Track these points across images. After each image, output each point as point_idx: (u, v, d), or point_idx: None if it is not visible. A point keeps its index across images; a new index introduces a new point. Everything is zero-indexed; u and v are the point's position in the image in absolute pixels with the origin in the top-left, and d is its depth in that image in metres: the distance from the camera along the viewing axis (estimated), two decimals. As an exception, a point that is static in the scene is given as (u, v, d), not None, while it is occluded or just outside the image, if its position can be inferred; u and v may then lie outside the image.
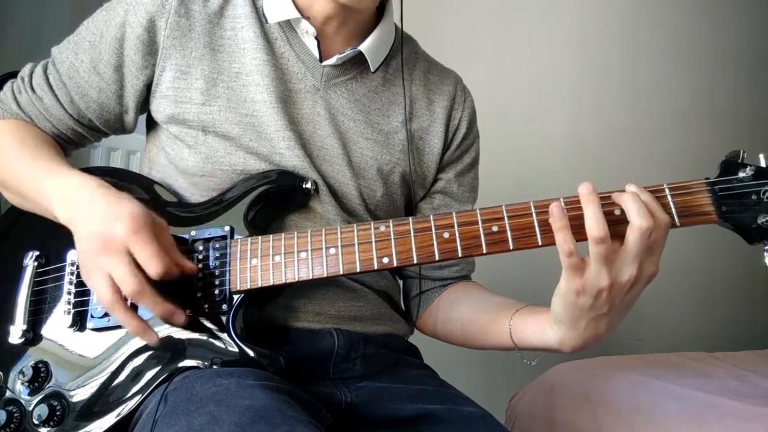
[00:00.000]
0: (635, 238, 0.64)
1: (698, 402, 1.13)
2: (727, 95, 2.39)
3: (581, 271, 0.66)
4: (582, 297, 0.67)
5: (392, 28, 0.94)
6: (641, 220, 0.64)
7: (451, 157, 0.98)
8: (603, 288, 0.65)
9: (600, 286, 0.65)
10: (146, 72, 0.84)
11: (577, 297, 0.67)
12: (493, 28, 2.25)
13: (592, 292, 0.66)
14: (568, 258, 0.66)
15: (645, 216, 0.64)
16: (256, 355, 0.73)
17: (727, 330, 2.26)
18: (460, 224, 0.72)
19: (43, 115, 0.87)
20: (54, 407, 0.75)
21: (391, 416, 0.82)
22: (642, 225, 0.64)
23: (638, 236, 0.64)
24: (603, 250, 0.64)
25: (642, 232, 0.64)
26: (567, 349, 0.73)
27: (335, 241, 0.75)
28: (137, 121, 0.91)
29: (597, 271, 0.65)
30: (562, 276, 0.68)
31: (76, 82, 0.86)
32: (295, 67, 0.87)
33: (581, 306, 0.68)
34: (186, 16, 0.84)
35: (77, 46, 0.86)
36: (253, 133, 0.83)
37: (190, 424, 0.62)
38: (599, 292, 0.66)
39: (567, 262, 0.66)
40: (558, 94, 2.26)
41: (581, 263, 0.66)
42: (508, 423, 1.37)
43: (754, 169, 0.69)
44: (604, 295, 0.66)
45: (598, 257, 0.64)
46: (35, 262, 0.83)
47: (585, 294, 0.66)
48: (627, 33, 2.32)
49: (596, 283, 0.65)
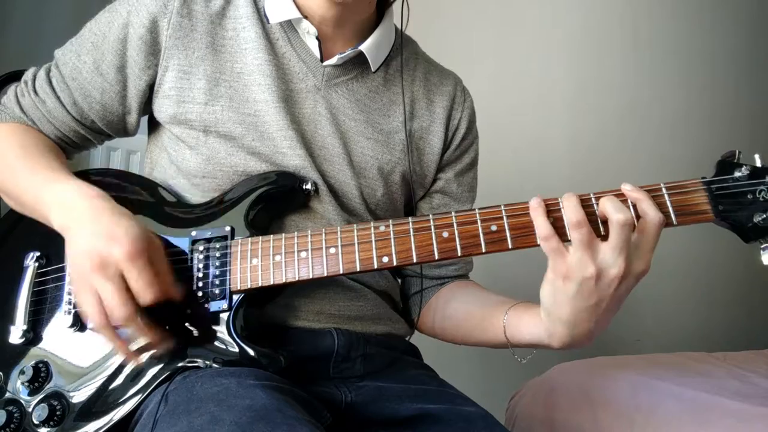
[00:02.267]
0: (615, 231, 0.66)
1: (698, 402, 1.13)
2: (727, 95, 2.39)
3: (563, 255, 0.68)
4: (568, 283, 0.68)
5: (392, 30, 0.95)
6: (617, 214, 0.66)
7: (450, 156, 0.98)
8: (588, 277, 0.67)
9: (585, 274, 0.67)
10: (149, 72, 0.84)
11: (564, 283, 0.69)
12: (493, 28, 2.25)
13: (577, 279, 0.67)
14: (546, 242, 0.69)
15: (621, 210, 0.67)
16: (257, 354, 0.74)
17: (727, 330, 2.26)
18: (459, 224, 0.73)
19: (45, 118, 0.87)
20: (54, 407, 0.75)
21: (391, 416, 0.82)
22: (619, 218, 0.66)
23: (618, 229, 0.66)
24: (582, 235, 0.67)
25: (620, 224, 0.66)
26: (556, 343, 0.74)
27: (335, 241, 0.75)
28: (139, 122, 0.91)
29: (580, 257, 0.67)
30: (549, 263, 0.70)
31: (79, 84, 0.86)
32: (297, 66, 0.87)
33: (568, 293, 0.69)
34: (188, 16, 0.84)
35: (80, 47, 0.86)
36: (256, 133, 0.83)
37: (190, 423, 0.62)
38: (584, 280, 0.67)
39: (546, 246, 0.69)
40: (557, 93, 2.26)
41: (560, 246, 0.68)
42: (508, 423, 1.37)
43: (749, 168, 0.70)
44: (590, 284, 0.67)
45: (579, 243, 0.67)
46: (36, 263, 0.83)
47: (570, 280, 0.68)
48: (627, 33, 2.32)
49: (581, 270, 0.67)
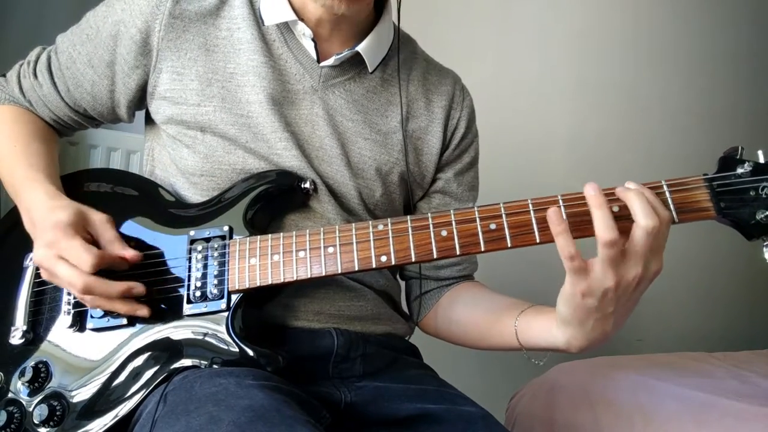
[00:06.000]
0: (641, 238, 0.64)
1: (698, 402, 1.13)
2: (727, 95, 2.38)
3: (585, 273, 0.65)
4: (588, 299, 0.66)
5: (391, 29, 0.94)
6: (648, 220, 0.63)
7: (449, 156, 0.98)
8: (609, 288, 0.64)
9: (606, 286, 0.64)
10: (137, 72, 0.85)
11: (583, 299, 0.66)
12: (493, 27, 2.25)
13: (597, 294, 0.65)
14: (571, 262, 0.64)
15: (651, 215, 0.63)
16: (256, 354, 0.73)
17: (727, 330, 2.25)
18: (457, 222, 0.72)
19: (41, 102, 0.91)
20: (54, 407, 0.75)
21: (390, 416, 0.82)
22: (649, 225, 0.63)
23: (644, 236, 0.63)
24: (613, 254, 0.63)
25: (649, 231, 0.63)
26: (574, 349, 0.73)
27: (333, 240, 0.75)
28: (132, 114, 0.93)
29: (604, 272, 0.64)
30: (567, 279, 0.67)
31: (72, 73, 0.88)
32: (293, 68, 0.87)
33: (588, 307, 0.67)
34: (180, 17, 0.84)
35: (77, 37, 0.88)
36: (250, 134, 0.83)
37: (189, 423, 0.62)
38: (605, 292, 0.65)
39: (570, 266, 0.65)
40: (558, 93, 2.26)
41: (584, 265, 0.65)
42: (508, 423, 1.36)
43: (752, 165, 0.68)
44: (610, 294, 0.65)
45: (608, 260, 0.63)
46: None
47: (591, 296, 0.65)
48: (627, 33, 2.32)
49: (602, 284, 0.64)
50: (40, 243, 0.75)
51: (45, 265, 0.75)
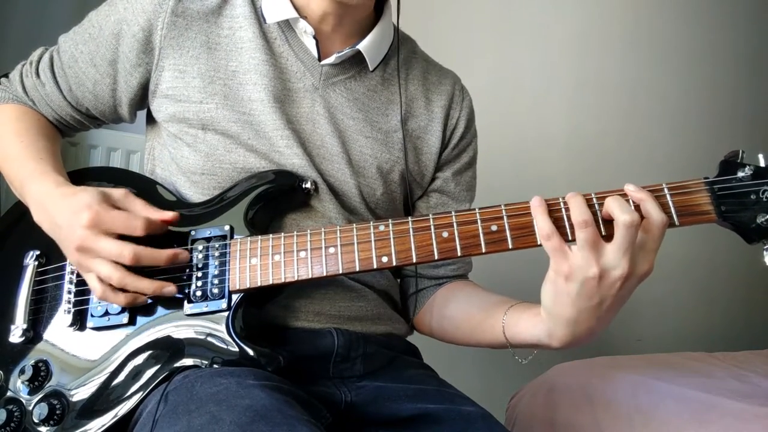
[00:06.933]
0: (621, 232, 0.65)
1: (698, 402, 1.13)
2: (727, 95, 2.38)
3: (565, 255, 0.67)
4: (570, 283, 0.67)
5: (391, 28, 0.95)
6: (624, 215, 0.65)
7: (448, 156, 0.98)
8: (591, 277, 0.66)
9: (588, 274, 0.66)
10: (140, 70, 0.85)
11: (566, 283, 0.67)
12: (493, 27, 2.25)
13: (579, 279, 0.66)
14: (548, 241, 0.67)
15: (628, 211, 0.65)
16: (256, 354, 0.73)
17: (727, 330, 2.26)
18: (459, 223, 0.72)
19: (44, 101, 0.91)
20: (54, 406, 0.75)
21: (390, 416, 0.82)
22: (626, 219, 0.65)
23: (624, 230, 0.65)
24: (588, 235, 0.65)
25: (626, 225, 0.65)
26: (556, 342, 0.73)
27: (334, 241, 0.75)
28: (134, 114, 0.93)
29: (584, 257, 0.66)
30: (550, 262, 0.69)
31: (74, 72, 0.88)
32: (294, 66, 0.87)
33: (569, 293, 0.67)
34: (182, 15, 0.84)
35: (79, 36, 0.88)
36: (252, 132, 0.83)
37: (190, 423, 0.62)
38: (587, 280, 0.66)
39: (548, 245, 0.68)
40: (558, 93, 2.26)
41: (562, 245, 0.67)
42: (508, 423, 1.37)
43: (753, 168, 0.69)
44: (593, 284, 0.66)
45: (585, 242, 0.66)
46: (35, 262, 0.83)
47: (573, 280, 0.67)
48: (627, 33, 2.32)
49: (584, 271, 0.66)
50: (77, 226, 0.73)
51: (87, 244, 0.73)
